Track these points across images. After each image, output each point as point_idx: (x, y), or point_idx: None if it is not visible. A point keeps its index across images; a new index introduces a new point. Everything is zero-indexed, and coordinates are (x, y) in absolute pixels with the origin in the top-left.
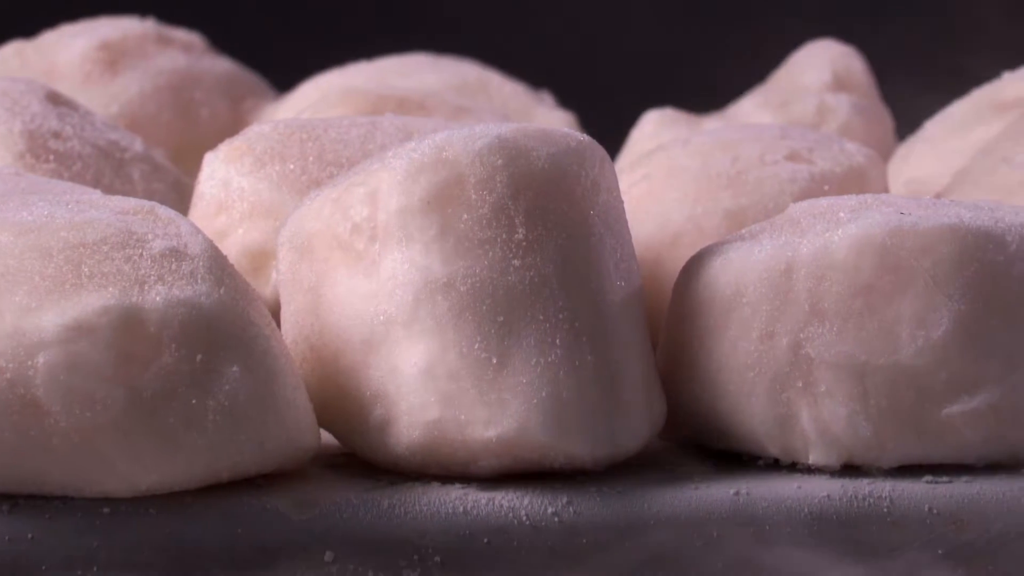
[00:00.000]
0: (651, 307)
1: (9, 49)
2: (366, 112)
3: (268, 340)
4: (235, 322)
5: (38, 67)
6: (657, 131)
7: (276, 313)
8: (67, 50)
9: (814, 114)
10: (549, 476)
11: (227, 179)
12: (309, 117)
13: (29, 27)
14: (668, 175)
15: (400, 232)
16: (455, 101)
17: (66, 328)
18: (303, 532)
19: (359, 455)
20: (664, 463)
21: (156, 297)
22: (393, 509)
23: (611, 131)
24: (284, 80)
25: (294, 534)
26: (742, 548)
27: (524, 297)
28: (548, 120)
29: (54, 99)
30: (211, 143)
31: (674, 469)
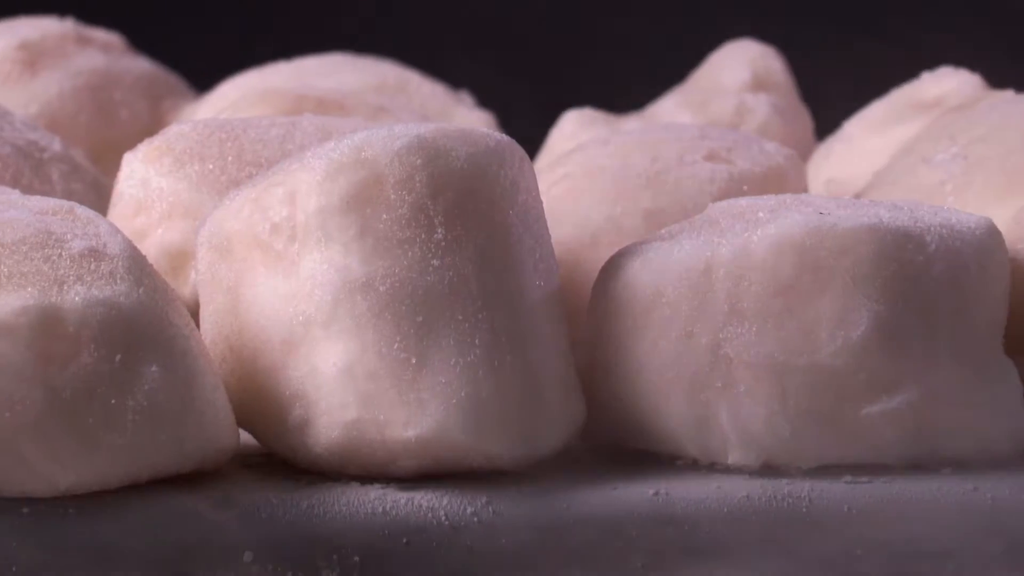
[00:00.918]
0: (570, 307)
1: None
2: (285, 112)
3: (187, 340)
4: (154, 322)
5: None
6: (576, 131)
7: (195, 313)
8: None
9: (733, 114)
10: (468, 476)
11: (146, 179)
12: (228, 117)
13: None
14: (587, 175)
15: (319, 232)
16: (374, 101)
17: None
18: (222, 532)
19: (278, 455)
20: (583, 463)
21: (75, 297)
22: (312, 509)
23: (530, 131)
24: (203, 80)
25: (213, 534)
26: (661, 548)
27: (443, 297)
28: (467, 120)
29: None
30: (130, 143)
31: (593, 469)
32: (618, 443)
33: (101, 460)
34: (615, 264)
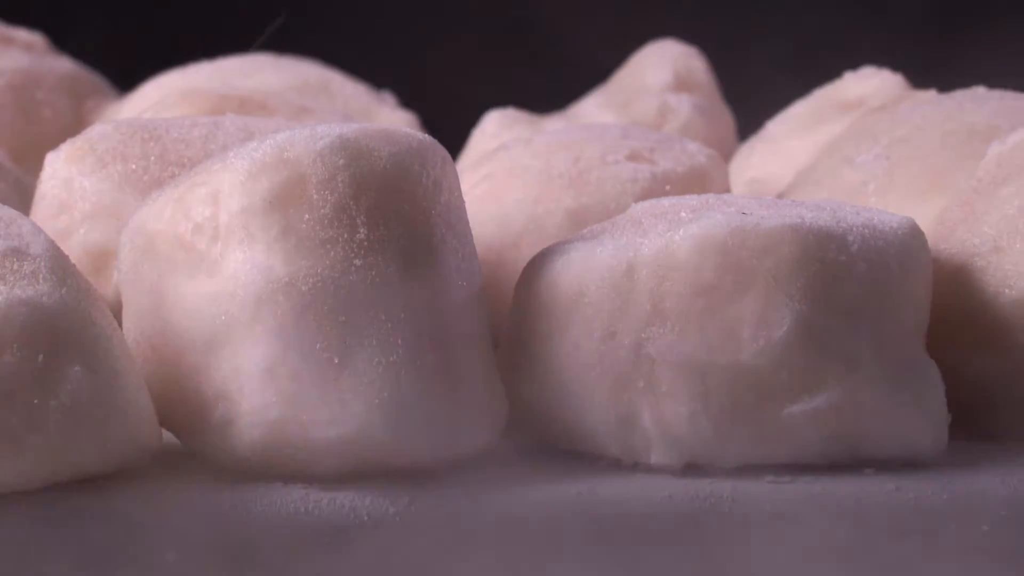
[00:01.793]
0: (493, 307)
1: None
2: (208, 112)
3: (110, 340)
4: (77, 322)
5: None
6: (499, 131)
7: (118, 313)
8: None
9: (656, 114)
10: (391, 476)
11: (69, 179)
12: (151, 117)
13: None
14: (510, 175)
15: (242, 232)
16: (297, 101)
17: None
18: (145, 532)
19: (201, 455)
20: (506, 463)
21: None
22: (235, 509)
23: (453, 131)
24: (126, 80)
25: (136, 534)
26: (584, 548)
27: (366, 297)
28: (390, 120)
29: None
30: (53, 143)
31: (516, 469)
32: (541, 443)
33: (23, 460)
34: (537, 264)
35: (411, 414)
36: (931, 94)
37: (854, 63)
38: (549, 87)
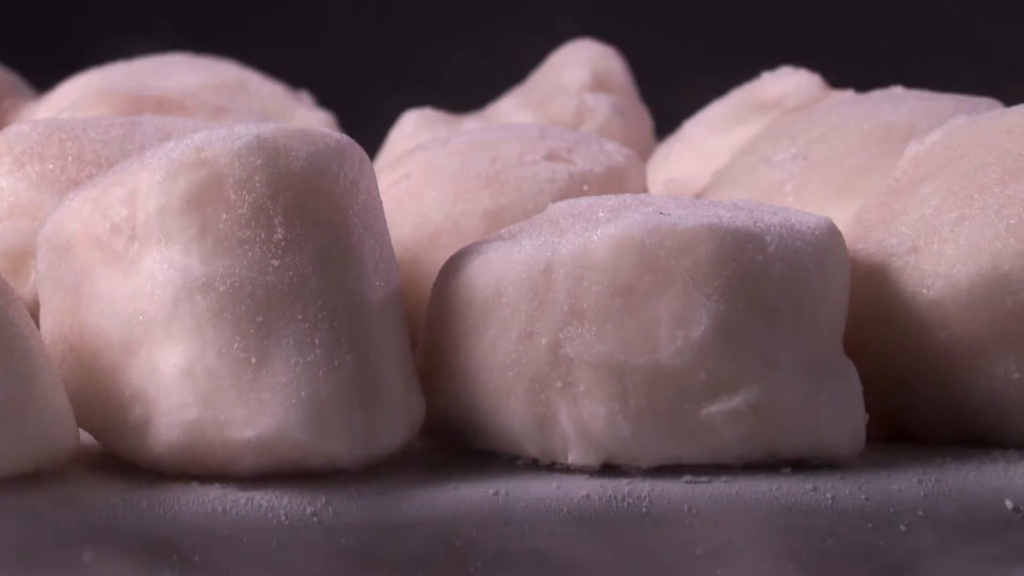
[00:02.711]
0: (410, 307)
1: None
2: (125, 112)
3: (27, 340)
4: None
5: None
6: (416, 131)
7: (35, 313)
8: None
9: (573, 114)
10: (309, 476)
11: None
12: (68, 117)
13: None
14: (427, 175)
15: (159, 232)
16: (214, 101)
17: None
18: (62, 532)
19: (118, 455)
20: (424, 463)
21: None
22: (152, 509)
23: (370, 131)
24: (43, 80)
25: (53, 534)
26: (501, 548)
27: (283, 297)
28: (307, 120)
29: None
30: None
31: (434, 469)
32: (459, 443)
33: None
34: (455, 264)
35: (328, 414)
36: (848, 94)
37: (772, 63)
38: (467, 86)
